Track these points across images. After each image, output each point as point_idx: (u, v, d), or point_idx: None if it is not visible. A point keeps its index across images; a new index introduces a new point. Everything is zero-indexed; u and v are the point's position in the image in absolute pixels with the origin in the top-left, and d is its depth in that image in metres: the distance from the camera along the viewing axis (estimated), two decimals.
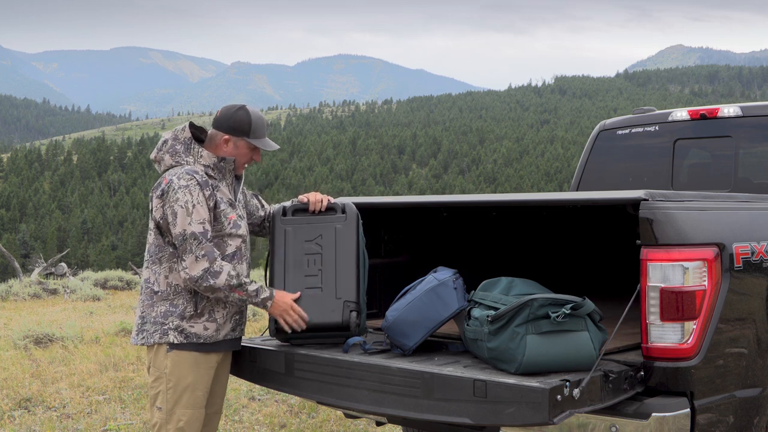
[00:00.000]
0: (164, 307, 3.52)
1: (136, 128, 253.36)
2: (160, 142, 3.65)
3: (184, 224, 3.41)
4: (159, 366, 3.52)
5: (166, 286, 3.52)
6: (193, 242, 3.40)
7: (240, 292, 3.47)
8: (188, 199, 3.43)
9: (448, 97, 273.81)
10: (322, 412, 6.12)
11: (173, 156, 3.59)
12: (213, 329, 3.54)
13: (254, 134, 3.63)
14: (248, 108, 3.67)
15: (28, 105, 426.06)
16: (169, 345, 3.49)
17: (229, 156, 3.62)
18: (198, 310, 3.50)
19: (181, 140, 3.62)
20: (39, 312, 13.89)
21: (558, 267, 5.04)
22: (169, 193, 3.46)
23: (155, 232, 3.55)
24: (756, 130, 5.11)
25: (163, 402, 3.51)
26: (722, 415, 3.18)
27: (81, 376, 7.65)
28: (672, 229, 3.08)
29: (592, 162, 5.72)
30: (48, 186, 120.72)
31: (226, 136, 3.61)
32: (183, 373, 3.50)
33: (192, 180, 3.46)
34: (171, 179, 3.48)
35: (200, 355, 3.53)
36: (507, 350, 3.04)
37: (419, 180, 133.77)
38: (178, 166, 3.56)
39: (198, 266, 3.39)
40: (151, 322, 3.53)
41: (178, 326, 3.49)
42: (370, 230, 4.33)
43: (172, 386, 3.50)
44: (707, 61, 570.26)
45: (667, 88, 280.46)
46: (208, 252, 3.41)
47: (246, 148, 3.65)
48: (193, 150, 3.60)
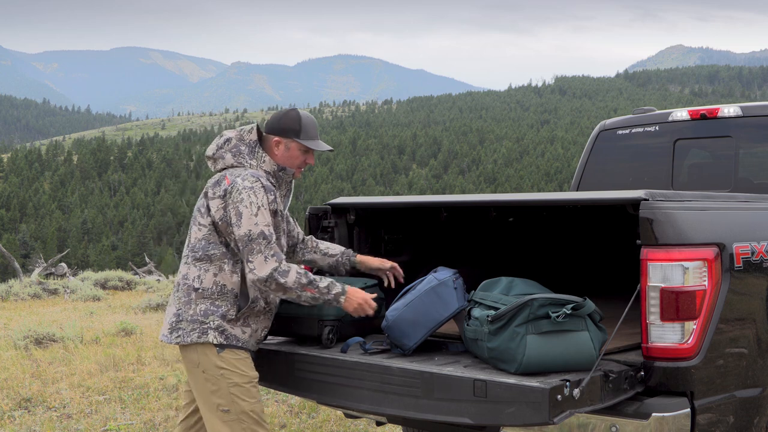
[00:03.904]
0: (205, 305, 3.39)
1: (136, 128, 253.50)
2: (222, 139, 3.57)
3: (250, 224, 3.31)
4: (210, 367, 3.37)
5: (212, 285, 3.39)
6: (262, 242, 3.29)
7: (311, 290, 3.37)
8: (254, 200, 3.33)
9: (448, 97, 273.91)
10: (322, 412, 6.12)
11: (236, 156, 3.51)
12: (248, 334, 3.45)
13: (305, 135, 3.56)
14: (298, 110, 3.61)
15: (28, 105, 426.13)
16: (218, 346, 3.36)
17: (281, 159, 3.55)
18: (237, 316, 3.41)
19: (247, 142, 3.54)
20: (39, 312, 13.89)
21: (558, 267, 5.03)
22: (232, 193, 3.36)
23: (208, 229, 3.42)
24: (756, 130, 5.11)
25: (230, 403, 3.36)
26: (722, 415, 3.18)
27: (81, 376, 7.65)
28: (672, 229, 3.08)
29: (593, 162, 5.72)
30: (48, 186, 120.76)
31: (277, 138, 3.55)
32: (243, 370, 3.40)
33: (257, 182, 3.38)
34: (234, 180, 3.38)
35: (249, 353, 3.47)
36: (507, 350, 3.04)
37: (419, 180, 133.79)
38: (239, 167, 3.48)
39: (267, 266, 3.28)
40: (188, 321, 3.40)
41: (219, 326, 3.37)
42: (370, 230, 4.33)
43: (234, 384, 3.37)
44: (707, 62, 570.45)
45: (667, 88, 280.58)
46: (277, 252, 3.32)
47: (297, 150, 3.57)
48: (257, 154, 3.53)
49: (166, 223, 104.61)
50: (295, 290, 3.33)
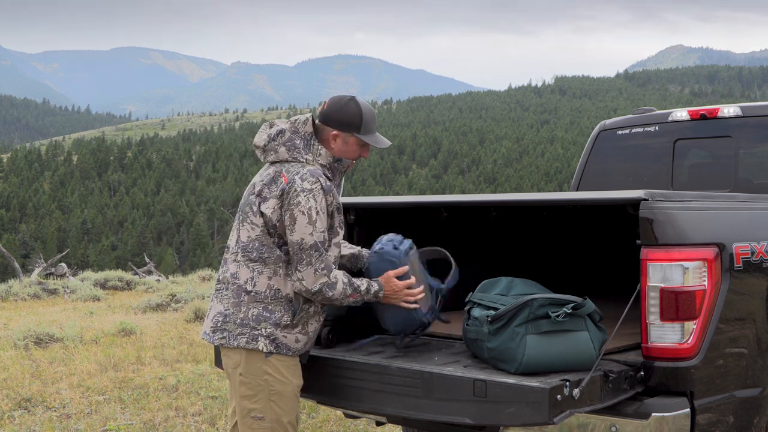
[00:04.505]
0: (257, 310, 3.23)
1: (136, 128, 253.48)
2: (274, 131, 3.35)
3: (305, 233, 3.15)
4: (253, 371, 3.24)
5: (267, 288, 3.23)
6: (313, 254, 3.15)
7: (354, 296, 3.28)
8: (312, 205, 3.16)
9: (448, 97, 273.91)
10: (322, 412, 6.12)
11: (291, 150, 3.29)
12: (303, 342, 3.31)
13: (365, 129, 3.35)
14: (358, 100, 3.38)
15: (28, 105, 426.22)
16: (267, 353, 3.23)
17: (336, 152, 3.34)
18: (294, 321, 3.26)
19: (302, 134, 3.33)
20: (39, 312, 13.88)
21: (558, 267, 5.03)
22: (290, 194, 3.18)
23: (261, 230, 3.24)
24: (756, 130, 5.11)
25: (266, 410, 3.23)
26: (722, 415, 3.18)
27: (81, 376, 7.65)
28: (672, 229, 3.08)
29: (592, 162, 5.72)
30: (48, 186, 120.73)
31: (335, 131, 3.32)
32: (288, 378, 3.28)
33: (317, 184, 3.19)
34: (293, 179, 3.20)
35: (297, 358, 3.34)
36: (507, 350, 3.04)
37: (419, 180, 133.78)
38: (295, 163, 3.28)
39: (317, 280, 3.16)
40: (237, 324, 3.24)
41: (270, 334, 3.22)
42: (371, 230, 4.33)
43: (276, 392, 3.25)
44: (707, 62, 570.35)
45: (667, 88, 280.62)
46: (328, 266, 3.19)
47: (356, 145, 3.36)
48: (312, 147, 3.32)
49: (166, 223, 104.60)
50: (339, 300, 3.25)
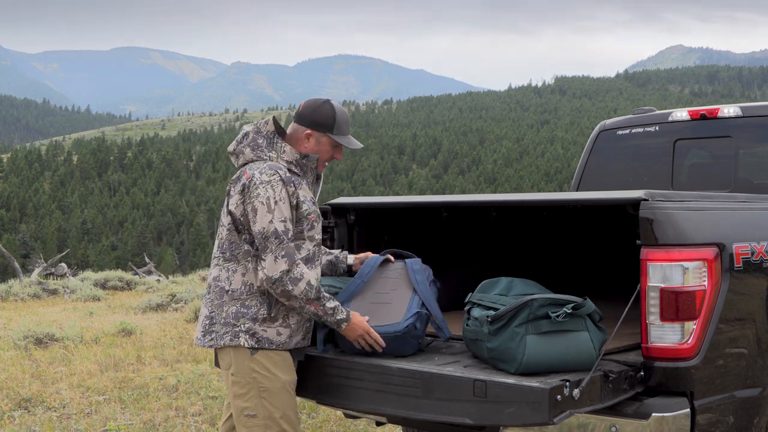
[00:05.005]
0: (235, 307, 3.31)
1: (136, 128, 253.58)
2: (240, 134, 3.49)
3: (265, 222, 3.23)
4: (243, 370, 3.29)
5: (241, 285, 3.32)
6: (273, 241, 3.21)
7: (316, 306, 3.26)
8: (270, 194, 3.25)
9: (448, 97, 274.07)
10: (322, 412, 6.12)
11: (254, 150, 3.43)
12: (286, 335, 3.33)
13: (338, 130, 3.46)
14: (333, 103, 3.50)
15: (28, 105, 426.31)
16: (250, 349, 3.28)
17: (310, 152, 3.45)
18: (272, 314, 3.30)
19: (264, 134, 3.45)
20: (39, 312, 13.88)
21: (558, 267, 5.03)
22: (250, 188, 3.28)
23: (230, 228, 3.35)
24: (756, 130, 5.11)
25: (258, 407, 3.27)
26: (722, 415, 3.18)
27: (81, 376, 7.65)
28: (672, 229, 3.08)
29: (592, 162, 5.72)
30: (48, 186, 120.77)
31: (309, 131, 3.45)
32: (274, 374, 3.30)
33: (275, 175, 3.28)
34: (253, 174, 3.31)
35: (287, 354, 3.36)
36: (507, 350, 3.04)
37: (419, 180, 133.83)
38: (259, 161, 3.40)
39: (277, 267, 3.19)
40: (221, 323, 3.33)
41: (249, 329, 3.28)
42: (371, 230, 4.33)
43: (265, 389, 3.28)
44: (707, 62, 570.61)
45: (667, 88, 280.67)
46: (289, 254, 3.21)
47: (328, 145, 3.47)
48: (276, 145, 3.43)
49: (166, 223, 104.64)
50: (299, 301, 3.24)
